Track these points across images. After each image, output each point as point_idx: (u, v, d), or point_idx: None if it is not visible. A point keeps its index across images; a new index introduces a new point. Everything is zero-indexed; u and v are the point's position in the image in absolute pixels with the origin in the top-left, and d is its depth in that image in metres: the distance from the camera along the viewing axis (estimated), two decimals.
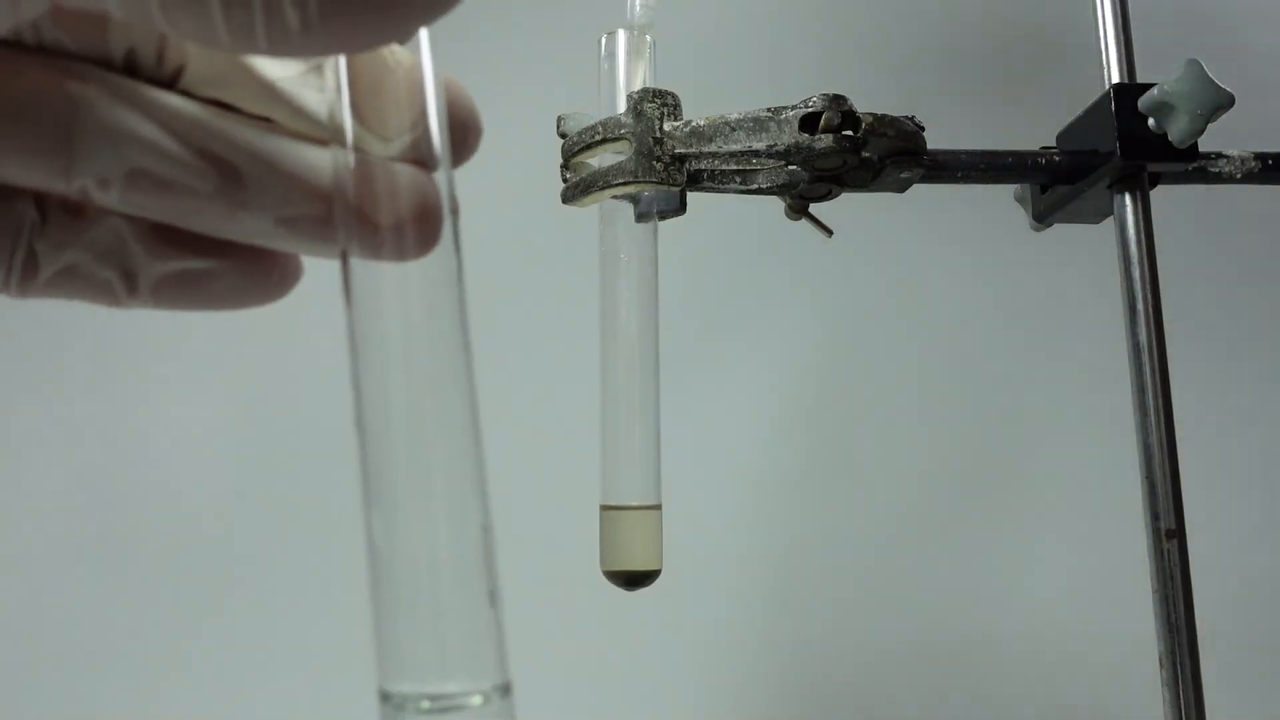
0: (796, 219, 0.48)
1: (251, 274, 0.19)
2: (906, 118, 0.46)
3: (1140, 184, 0.48)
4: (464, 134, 0.19)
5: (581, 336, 0.52)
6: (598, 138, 0.45)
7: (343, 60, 0.17)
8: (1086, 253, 0.57)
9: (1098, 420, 0.69)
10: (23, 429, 0.76)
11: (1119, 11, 0.49)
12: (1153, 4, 0.57)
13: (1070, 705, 0.71)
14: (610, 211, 0.47)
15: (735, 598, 0.73)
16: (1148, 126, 0.46)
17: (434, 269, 0.17)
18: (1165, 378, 0.46)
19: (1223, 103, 0.45)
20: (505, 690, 0.17)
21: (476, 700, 0.17)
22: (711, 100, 0.47)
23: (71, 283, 0.18)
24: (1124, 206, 0.48)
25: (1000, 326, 0.78)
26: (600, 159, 0.46)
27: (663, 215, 0.47)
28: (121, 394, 0.76)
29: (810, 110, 0.43)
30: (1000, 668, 0.73)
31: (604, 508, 0.47)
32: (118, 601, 0.73)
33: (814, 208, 0.48)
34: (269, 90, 0.18)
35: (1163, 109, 0.46)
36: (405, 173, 0.18)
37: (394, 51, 0.18)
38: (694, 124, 0.44)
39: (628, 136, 0.44)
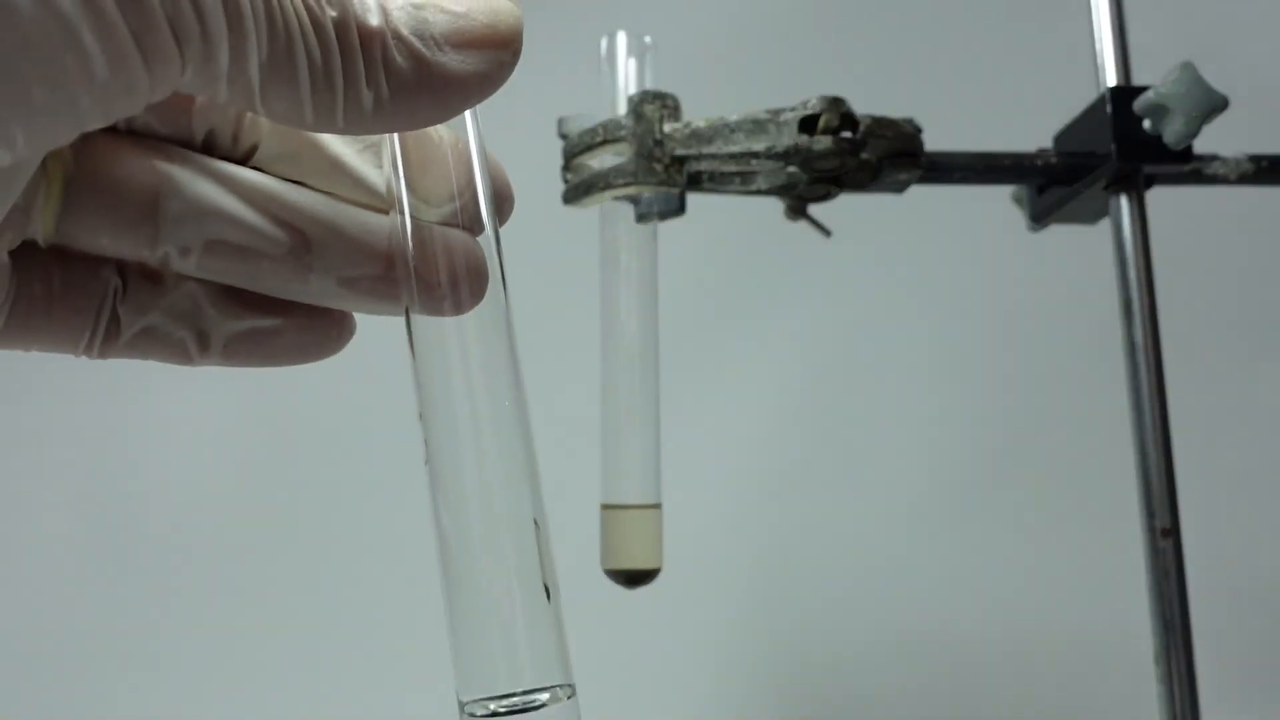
0: (795, 220, 0.48)
1: (312, 330, 0.21)
2: (905, 120, 0.46)
3: (1136, 185, 0.48)
4: (500, 203, 0.21)
5: (582, 337, 0.53)
6: (598, 139, 0.45)
7: (397, 138, 0.19)
8: (1083, 254, 0.57)
9: (1093, 420, 0.69)
10: (23, 429, 0.76)
11: (1115, 14, 0.49)
12: (1149, 6, 0.58)
13: (1066, 703, 0.72)
14: (611, 212, 0.47)
15: (735, 597, 0.74)
16: (1143, 129, 0.47)
17: (486, 314, 0.20)
18: (1160, 378, 0.46)
19: (1217, 105, 0.45)
20: (570, 691, 0.19)
21: (543, 697, 0.18)
22: (711, 101, 0.47)
23: (149, 343, 0.20)
24: (1120, 208, 0.48)
25: (997, 326, 0.78)
26: (601, 160, 0.46)
27: (663, 216, 0.47)
28: (121, 394, 0.76)
29: (809, 112, 0.44)
30: (998, 666, 0.73)
31: (605, 507, 0.47)
32: (118, 601, 0.73)
33: (813, 209, 0.48)
34: (333, 165, 0.20)
35: (1158, 111, 0.46)
36: (454, 236, 0.20)
37: (438, 130, 0.20)
38: (694, 125, 0.45)
39: (628, 138, 0.44)
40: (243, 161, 0.19)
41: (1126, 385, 0.47)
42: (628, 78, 0.47)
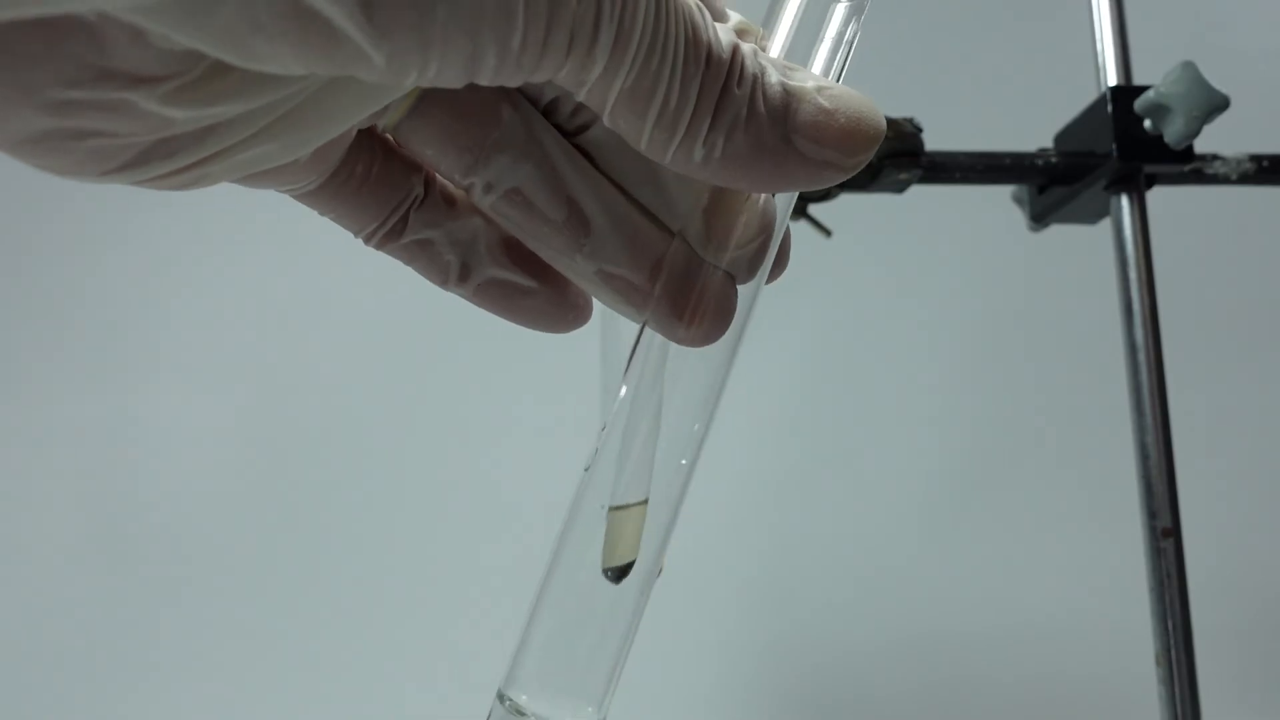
0: (795, 219, 0.48)
1: (558, 304, 0.22)
2: (905, 119, 0.46)
3: (1137, 185, 0.48)
4: (775, 266, 0.22)
5: (582, 337, 0.53)
6: None
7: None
8: (1083, 253, 0.57)
9: (1094, 420, 0.69)
10: (23, 429, 0.76)
11: (1115, 14, 0.49)
12: (1149, 6, 0.58)
13: (1067, 702, 0.72)
14: None
15: (736, 597, 0.74)
16: (1144, 128, 0.47)
17: (709, 355, 0.21)
18: (1161, 378, 0.46)
19: (1218, 104, 0.45)
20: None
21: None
22: None
23: (420, 254, 0.21)
24: (1121, 207, 0.48)
25: (997, 326, 0.78)
26: None
27: None
28: (121, 394, 0.76)
29: None
30: (999, 665, 0.73)
31: (612, 509, 0.47)
32: (118, 600, 0.73)
33: (813, 208, 0.48)
34: (645, 175, 0.21)
35: (1158, 110, 0.46)
36: (719, 279, 0.21)
37: None
38: None
39: None
40: (570, 135, 0.21)
41: (1126, 385, 0.47)
42: None
